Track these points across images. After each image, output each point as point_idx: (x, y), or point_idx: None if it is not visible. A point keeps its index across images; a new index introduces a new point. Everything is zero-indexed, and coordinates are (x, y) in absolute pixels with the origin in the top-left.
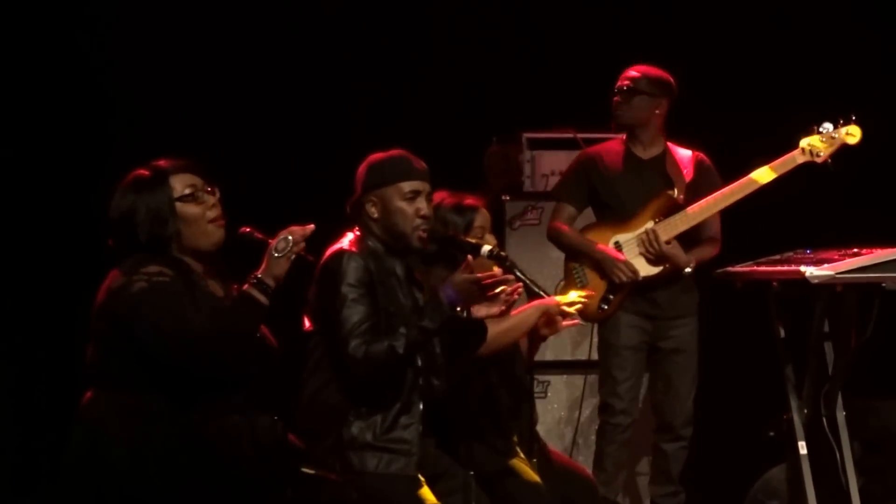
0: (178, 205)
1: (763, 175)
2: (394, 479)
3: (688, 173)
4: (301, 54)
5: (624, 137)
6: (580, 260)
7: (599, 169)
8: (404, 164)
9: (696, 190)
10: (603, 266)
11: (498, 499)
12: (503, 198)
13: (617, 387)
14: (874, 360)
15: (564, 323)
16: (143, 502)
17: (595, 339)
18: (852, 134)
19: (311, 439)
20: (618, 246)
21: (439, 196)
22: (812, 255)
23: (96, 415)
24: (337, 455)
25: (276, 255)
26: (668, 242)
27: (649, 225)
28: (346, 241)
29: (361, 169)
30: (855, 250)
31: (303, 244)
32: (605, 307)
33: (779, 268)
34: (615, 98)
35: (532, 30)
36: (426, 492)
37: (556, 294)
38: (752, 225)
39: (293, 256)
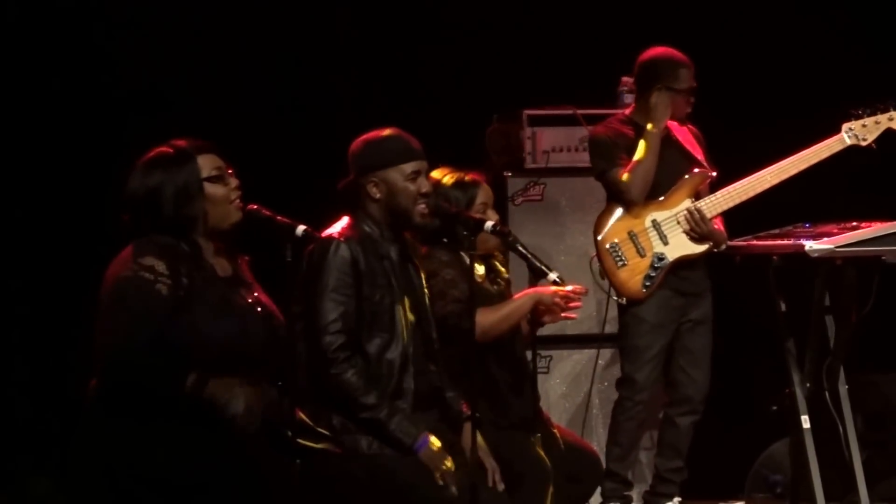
0: (206, 185)
1: (809, 157)
2: (390, 457)
3: (698, 147)
4: (301, 31)
5: (623, 117)
6: (622, 229)
7: (625, 148)
8: (404, 145)
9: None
10: (664, 112)
11: (501, 474)
12: (505, 174)
13: (645, 364)
14: (875, 334)
15: (564, 315)
16: (152, 480)
17: (606, 314)
18: None
19: (316, 417)
20: (655, 224)
21: (441, 172)
22: (811, 229)
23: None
24: (330, 438)
25: None
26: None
27: (687, 203)
28: (339, 226)
29: (357, 150)
30: (854, 224)
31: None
32: (649, 285)
33: (778, 242)
34: (692, 99)
35: (532, 6)
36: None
37: (593, 274)
38: (752, 199)
39: None
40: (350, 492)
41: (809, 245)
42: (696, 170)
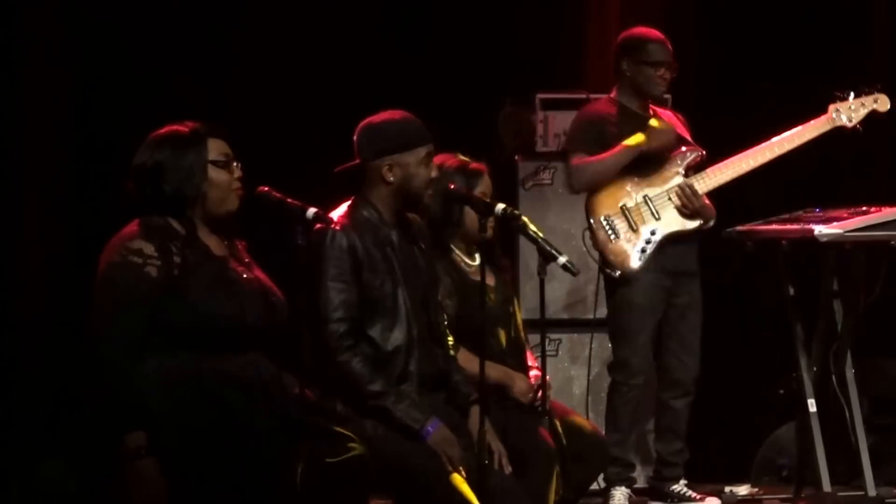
0: (211, 168)
1: (796, 137)
2: (398, 440)
3: (684, 130)
4: (312, 15)
5: (612, 98)
6: (614, 203)
7: (610, 128)
8: (418, 128)
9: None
10: (660, 137)
11: (508, 456)
12: (516, 158)
13: (637, 347)
14: (883, 319)
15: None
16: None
17: (597, 297)
18: (881, 102)
19: (324, 398)
20: (647, 200)
21: (442, 158)
22: (821, 214)
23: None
24: (339, 419)
25: None
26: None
27: (678, 179)
28: (336, 214)
29: (369, 133)
30: (864, 209)
31: None
32: (642, 259)
33: (788, 226)
34: (673, 74)
35: None
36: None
37: (586, 247)
38: (762, 184)
39: None
40: (358, 473)
41: (819, 230)
42: (685, 148)
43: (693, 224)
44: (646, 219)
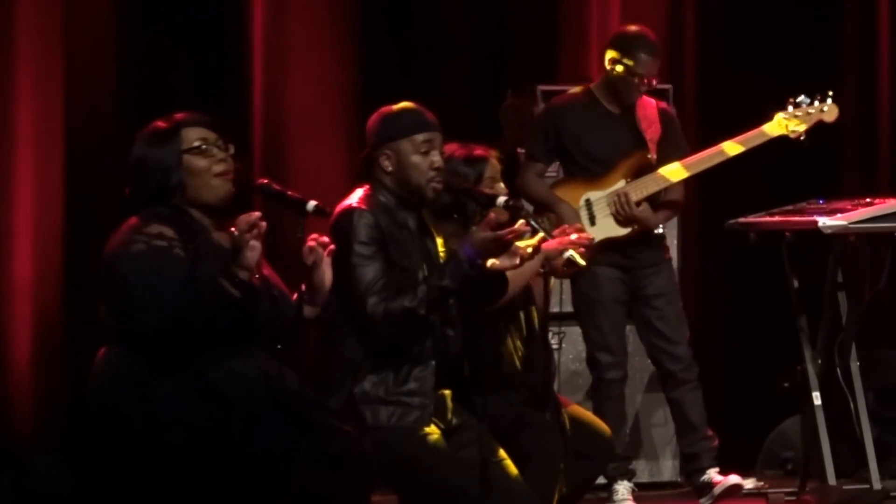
0: (185, 157)
1: (732, 147)
2: (407, 431)
3: (656, 128)
4: (310, 11)
5: (589, 89)
6: (546, 212)
7: (568, 124)
8: (416, 116)
9: (665, 144)
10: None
11: (511, 451)
12: (518, 150)
13: (606, 341)
14: (888, 310)
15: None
16: (160, 458)
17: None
18: (829, 112)
19: (325, 392)
20: (588, 204)
21: (449, 149)
22: (825, 206)
23: (108, 373)
24: (349, 410)
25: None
26: (638, 204)
27: (621, 184)
28: (356, 197)
29: (373, 123)
30: (868, 200)
31: (255, 231)
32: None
33: (792, 218)
34: (652, 87)
35: None
36: (440, 441)
37: None
38: (766, 175)
39: (253, 242)
40: (361, 469)
41: (823, 221)
42: (640, 151)
43: (624, 231)
44: (583, 223)
